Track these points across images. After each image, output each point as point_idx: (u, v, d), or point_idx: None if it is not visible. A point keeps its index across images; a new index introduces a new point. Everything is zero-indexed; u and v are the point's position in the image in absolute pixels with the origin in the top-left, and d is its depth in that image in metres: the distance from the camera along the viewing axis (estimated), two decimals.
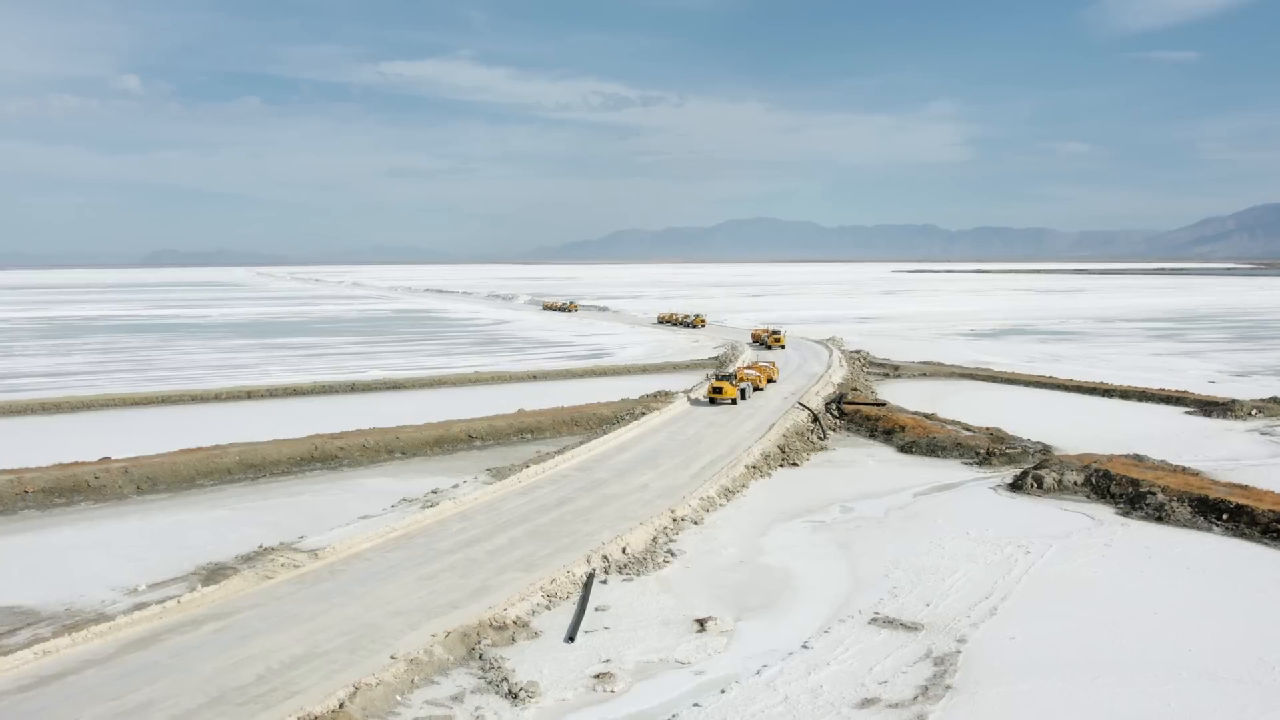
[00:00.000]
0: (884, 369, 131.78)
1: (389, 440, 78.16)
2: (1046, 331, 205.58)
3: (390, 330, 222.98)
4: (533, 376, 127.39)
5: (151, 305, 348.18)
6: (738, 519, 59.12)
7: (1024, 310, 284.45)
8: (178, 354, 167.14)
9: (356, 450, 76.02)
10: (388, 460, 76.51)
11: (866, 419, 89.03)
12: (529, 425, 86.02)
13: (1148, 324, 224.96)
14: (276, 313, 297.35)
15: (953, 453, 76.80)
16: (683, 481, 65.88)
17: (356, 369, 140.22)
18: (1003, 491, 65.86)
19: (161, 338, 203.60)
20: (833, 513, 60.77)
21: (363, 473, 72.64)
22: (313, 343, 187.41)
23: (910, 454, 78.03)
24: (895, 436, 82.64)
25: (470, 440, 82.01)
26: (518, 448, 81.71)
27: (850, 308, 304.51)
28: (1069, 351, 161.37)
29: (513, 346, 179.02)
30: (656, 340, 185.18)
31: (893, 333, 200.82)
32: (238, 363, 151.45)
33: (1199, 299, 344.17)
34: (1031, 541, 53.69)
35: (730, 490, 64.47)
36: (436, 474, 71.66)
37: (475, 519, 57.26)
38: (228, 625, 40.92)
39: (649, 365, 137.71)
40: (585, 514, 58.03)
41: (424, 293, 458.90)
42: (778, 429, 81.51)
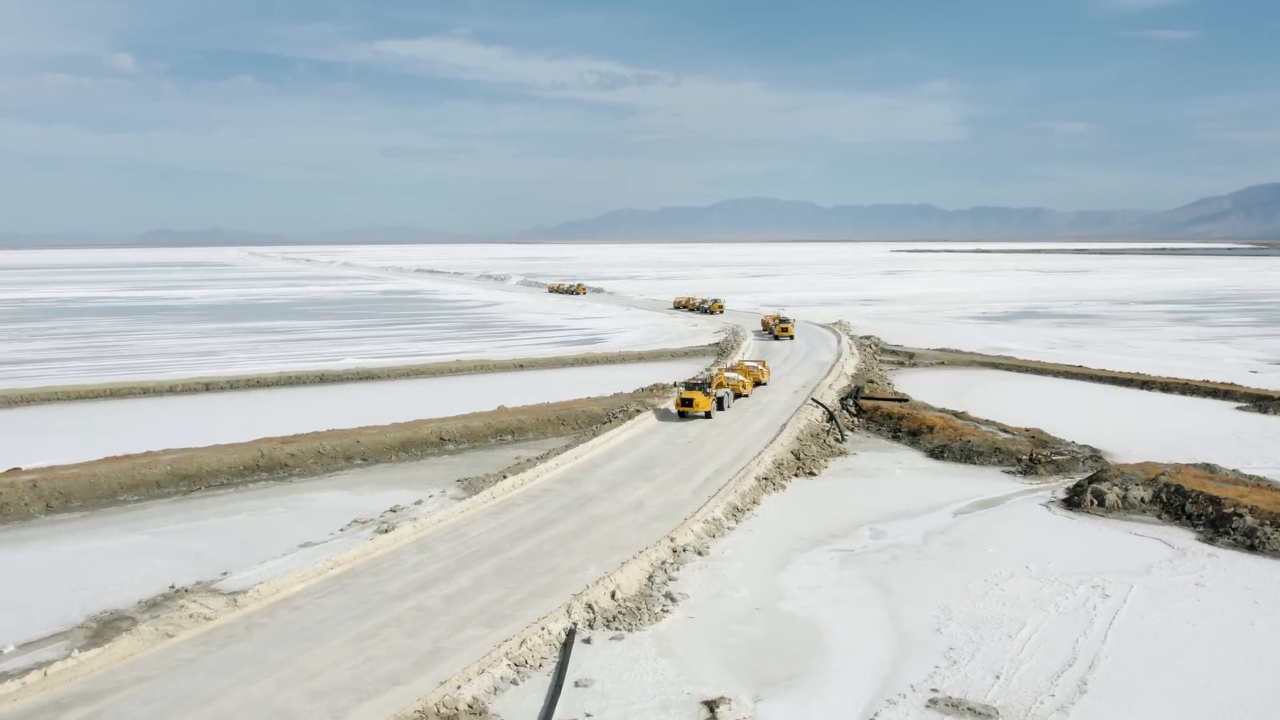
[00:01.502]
0: (898, 356, 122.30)
1: (348, 445, 68.57)
2: (1061, 314, 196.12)
3: (375, 313, 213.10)
4: (519, 366, 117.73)
5: (134, 286, 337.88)
6: (750, 547, 49.59)
7: (1032, 291, 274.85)
8: (145, 339, 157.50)
9: (310, 457, 66.40)
10: (345, 469, 66.89)
11: (888, 417, 79.48)
12: (509, 425, 76.42)
13: (1164, 306, 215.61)
14: (259, 294, 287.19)
15: (991, 459, 67.32)
16: (684, 498, 56.39)
17: (331, 356, 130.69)
18: (1057, 509, 56.36)
19: (133, 321, 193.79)
20: (862, 538, 51.28)
21: (314, 484, 63.04)
22: (291, 327, 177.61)
23: (942, 460, 68.53)
24: (923, 439, 73.13)
25: (441, 444, 72.43)
26: (495, 452, 72.21)
27: (853, 289, 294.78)
28: (1090, 336, 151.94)
29: (501, 331, 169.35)
30: (653, 324, 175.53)
31: (900, 316, 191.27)
32: (206, 349, 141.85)
33: (1209, 280, 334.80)
34: (1107, 580, 44.26)
35: (739, 509, 54.95)
36: (399, 485, 62.17)
37: (436, 549, 47.72)
38: (96, 713, 31.44)
39: (645, 353, 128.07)
40: (568, 542, 48.53)
41: (415, 273, 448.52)
42: (790, 430, 71.98)
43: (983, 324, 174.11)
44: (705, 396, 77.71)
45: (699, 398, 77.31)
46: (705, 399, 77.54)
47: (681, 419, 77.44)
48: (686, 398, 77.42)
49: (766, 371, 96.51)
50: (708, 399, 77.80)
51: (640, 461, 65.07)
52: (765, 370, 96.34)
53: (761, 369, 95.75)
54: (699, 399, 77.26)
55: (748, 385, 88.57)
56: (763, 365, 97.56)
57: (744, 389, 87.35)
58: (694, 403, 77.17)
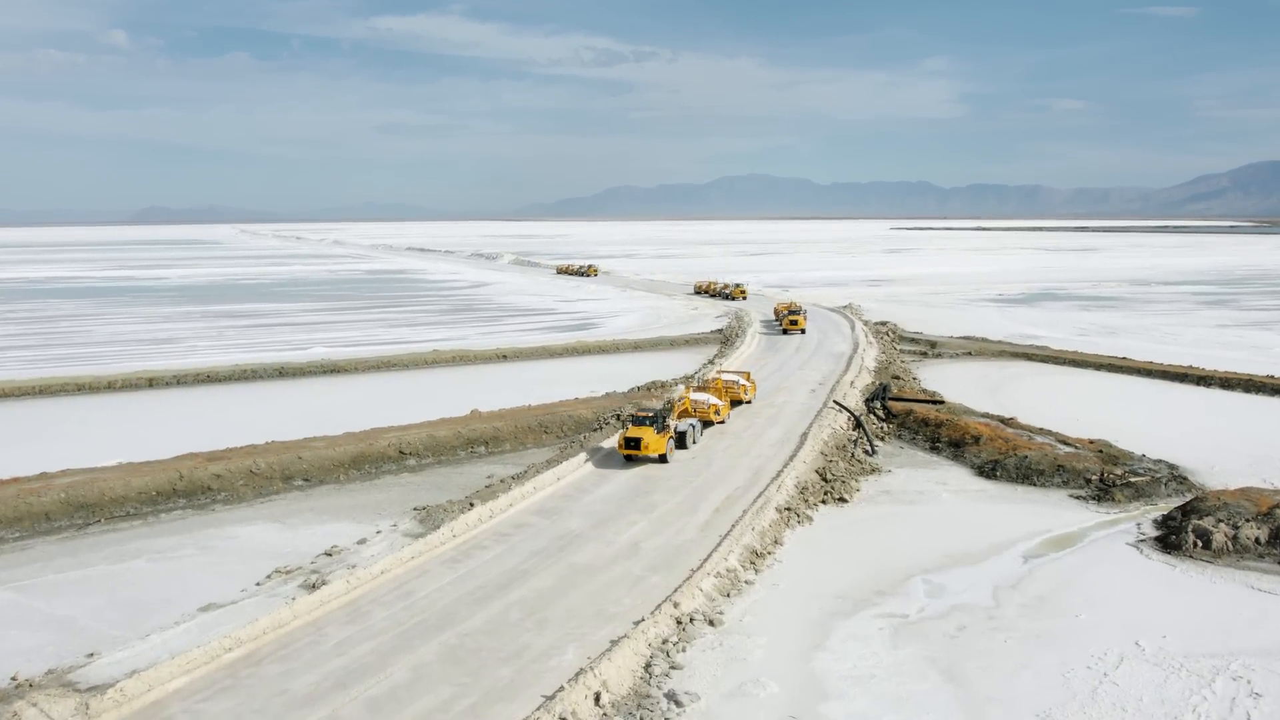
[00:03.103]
0: (918, 346, 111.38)
1: (288, 462, 57.57)
2: (1082, 297, 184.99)
3: (355, 295, 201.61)
4: (501, 356, 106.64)
5: (112, 266, 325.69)
6: (775, 612, 38.73)
7: (1044, 271, 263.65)
8: (104, 324, 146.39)
9: (240, 478, 55.40)
10: (282, 492, 55.88)
11: (924, 424, 68.61)
12: (482, 435, 65.45)
13: (1188, 288, 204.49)
14: (240, 274, 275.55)
15: (1053, 479, 56.48)
16: (688, 537, 45.52)
17: (299, 345, 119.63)
18: (1152, 551, 45.52)
19: (99, 304, 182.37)
20: (915, 596, 40.45)
21: (240, 515, 52.05)
22: (263, 311, 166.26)
23: (994, 479, 57.66)
24: (968, 451, 62.27)
25: (401, 458, 61.45)
26: (464, 468, 61.32)
27: (856, 268, 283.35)
28: (1120, 322, 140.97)
29: (487, 315, 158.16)
30: (650, 308, 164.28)
31: (912, 298, 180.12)
32: (165, 336, 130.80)
33: (1222, 259, 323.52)
34: (1249, 667, 33.59)
35: (759, 554, 44.05)
36: (344, 516, 51.28)
37: (371, 618, 36.86)
38: None
39: (641, 341, 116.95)
40: (542, 608, 37.67)
41: (405, 251, 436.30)
42: (813, 442, 61.08)
43: (1001, 307, 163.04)
44: (659, 434, 57.61)
45: (649, 436, 56.77)
46: (659, 437, 57.37)
47: (628, 461, 57.91)
48: (632, 436, 56.84)
49: (751, 387, 75.86)
50: (662, 437, 57.71)
51: (635, 485, 54.14)
52: (749, 386, 75.42)
53: (744, 385, 74.54)
54: (649, 438, 56.70)
55: (723, 410, 67.90)
56: (746, 378, 76.03)
57: (716, 415, 66.65)
58: (642, 443, 56.54)
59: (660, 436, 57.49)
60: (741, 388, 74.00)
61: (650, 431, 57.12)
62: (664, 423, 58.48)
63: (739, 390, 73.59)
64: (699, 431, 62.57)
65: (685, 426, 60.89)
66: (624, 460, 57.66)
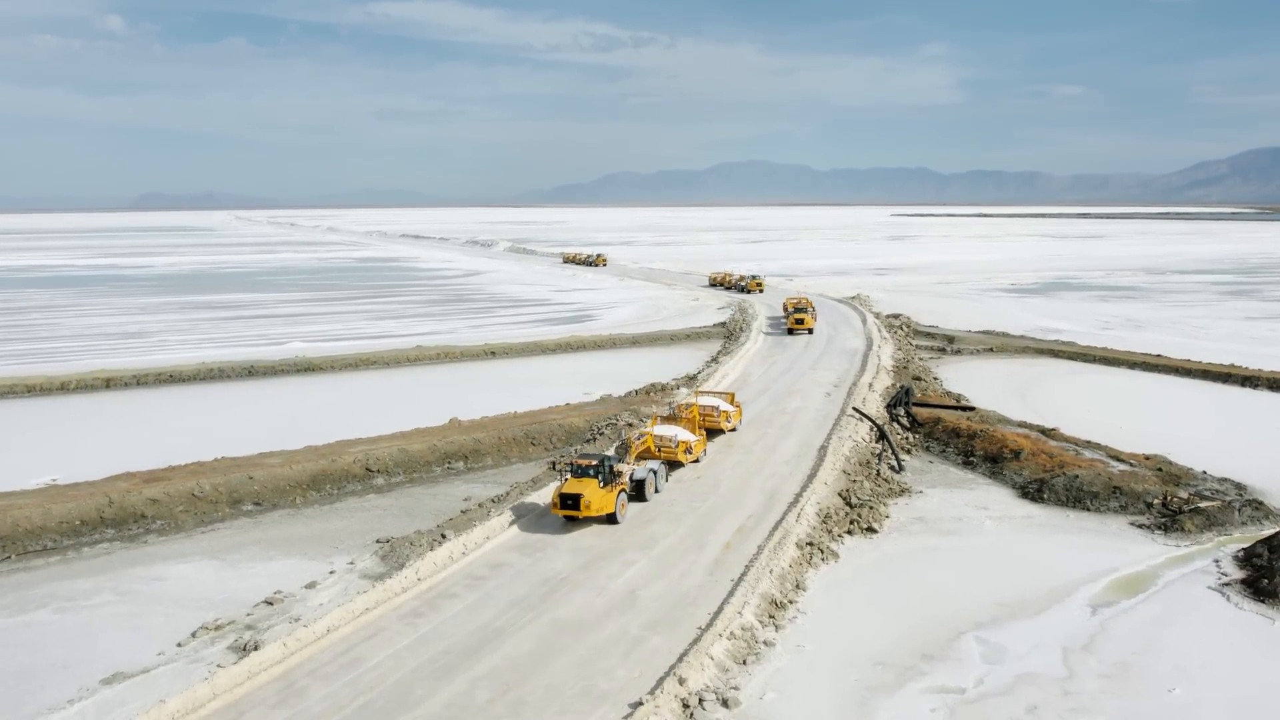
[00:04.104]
0: (936, 341, 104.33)
1: (236, 483, 50.51)
2: (1098, 286, 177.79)
3: (343, 284, 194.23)
4: (490, 353, 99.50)
5: (97, 254, 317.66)
6: (803, 686, 31.78)
7: (1053, 259, 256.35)
8: (76, 316, 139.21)
9: (180, 503, 48.36)
10: (228, 519, 48.83)
11: (954, 434, 61.57)
12: (460, 448, 58.37)
13: (1205, 277, 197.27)
14: (227, 262, 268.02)
15: (1109, 503, 49.50)
16: (695, 581, 38.58)
17: (276, 339, 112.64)
18: (1241, 599, 38.53)
19: (75, 294, 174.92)
20: (970, 661, 33.50)
21: (175, 548, 45.01)
22: (243, 301, 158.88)
23: (1041, 502, 50.65)
24: (1007, 467, 55.27)
25: (368, 476, 54.38)
26: (439, 488, 54.32)
27: (861, 256, 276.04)
28: (1143, 314, 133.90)
29: (478, 306, 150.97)
30: (649, 298, 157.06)
31: (921, 288, 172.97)
32: (136, 329, 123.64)
33: (1234, 247, 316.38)
34: None
35: (778, 603, 37.05)
36: (294, 550, 44.27)
37: (306, 698, 29.95)
38: None
39: (639, 335, 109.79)
40: (516, 683, 30.71)
41: (399, 238, 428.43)
42: (833, 459, 54.08)
43: (1016, 298, 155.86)
44: (606, 487, 44.88)
45: (591, 491, 43.97)
46: (605, 492, 44.58)
47: (569, 522, 45.17)
48: (569, 493, 43.97)
49: (736, 412, 62.70)
50: (610, 491, 44.91)
51: (631, 512, 47.11)
52: (732, 412, 62.18)
53: (725, 411, 61.36)
54: (591, 493, 43.87)
55: (696, 447, 54.86)
56: (730, 400, 63.63)
57: (687, 455, 53.83)
58: (582, 501, 43.58)
59: (607, 491, 44.80)
60: (723, 415, 60.85)
61: (593, 485, 44.36)
62: (612, 472, 45.66)
63: (718, 419, 60.56)
64: (663, 477, 50.33)
65: (644, 473, 48.51)
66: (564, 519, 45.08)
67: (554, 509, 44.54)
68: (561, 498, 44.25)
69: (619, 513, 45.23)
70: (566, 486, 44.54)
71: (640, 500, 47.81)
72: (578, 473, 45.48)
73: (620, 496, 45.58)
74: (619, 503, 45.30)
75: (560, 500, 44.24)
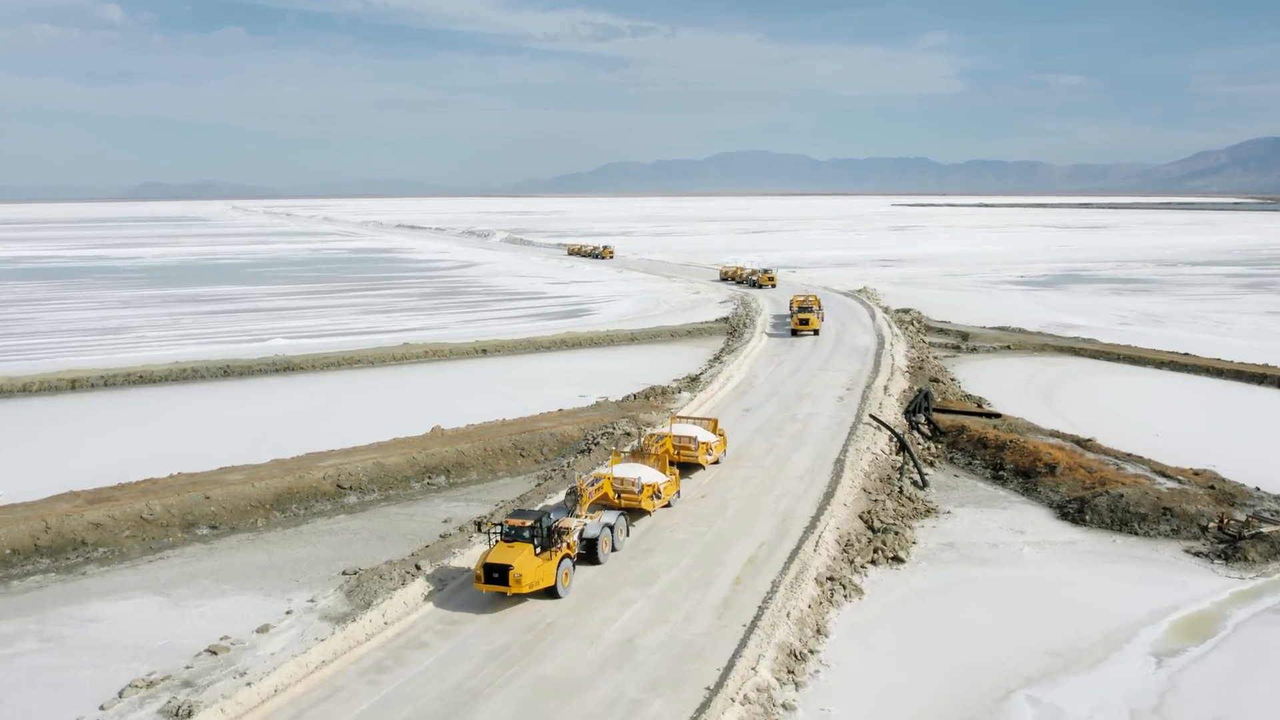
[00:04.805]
0: (949, 338, 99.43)
1: (191, 503, 45.57)
2: (1109, 279, 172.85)
3: (333, 277, 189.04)
4: (481, 351, 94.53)
5: (87, 244, 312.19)
6: None
7: (1060, 250, 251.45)
8: (55, 310, 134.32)
9: (126, 527, 43.42)
10: (180, 545, 43.88)
11: (980, 443, 56.63)
12: (443, 461, 53.42)
13: (1217, 269, 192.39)
14: (218, 253, 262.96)
15: (1159, 525, 44.62)
16: (702, 626, 33.68)
17: (258, 334, 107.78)
18: None
19: (58, 286, 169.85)
20: None
21: (116, 582, 40.07)
22: (229, 294, 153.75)
23: (1083, 525, 45.76)
24: (1041, 483, 50.37)
25: (339, 494, 49.44)
26: (417, 506, 49.43)
27: (864, 247, 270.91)
28: (1160, 308, 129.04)
29: (472, 299, 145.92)
30: (648, 291, 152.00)
31: (928, 280, 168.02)
32: (115, 324, 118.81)
33: (1241, 238, 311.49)
34: None
35: (798, 655, 32.17)
36: (249, 585, 39.34)
37: None
38: None
39: (638, 332, 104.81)
40: None
41: (394, 229, 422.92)
42: (851, 474, 49.20)
43: (1027, 291, 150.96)
44: (544, 554, 35.79)
45: (523, 560, 34.99)
46: (541, 561, 35.46)
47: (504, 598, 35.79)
48: (496, 562, 34.93)
49: (719, 443, 52.70)
50: (548, 559, 35.79)
51: (628, 540, 42.19)
52: (714, 444, 51.90)
53: (705, 443, 50.89)
54: (524, 563, 34.88)
55: (667, 488, 45.60)
56: (713, 428, 53.63)
57: (654, 500, 44.62)
58: (511, 573, 34.53)
59: (544, 559, 35.55)
60: (701, 447, 50.26)
61: (527, 553, 35.23)
62: (552, 534, 36.46)
63: (695, 452, 50.09)
64: (623, 531, 40.98)
65: (597, 529, 39.08)
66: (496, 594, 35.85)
67: (477, 583, 35.34)
68: (486, 569, 34.93)
69: (561, 585, 35.95)
70: (493, 554, 35.36)
71: (592, 563, 38.64)
72: (509, 536, 36.21)
73: (563, 564, 36.26)
74: (561, 572, 35.99)
75: (484, 572, 34.95)
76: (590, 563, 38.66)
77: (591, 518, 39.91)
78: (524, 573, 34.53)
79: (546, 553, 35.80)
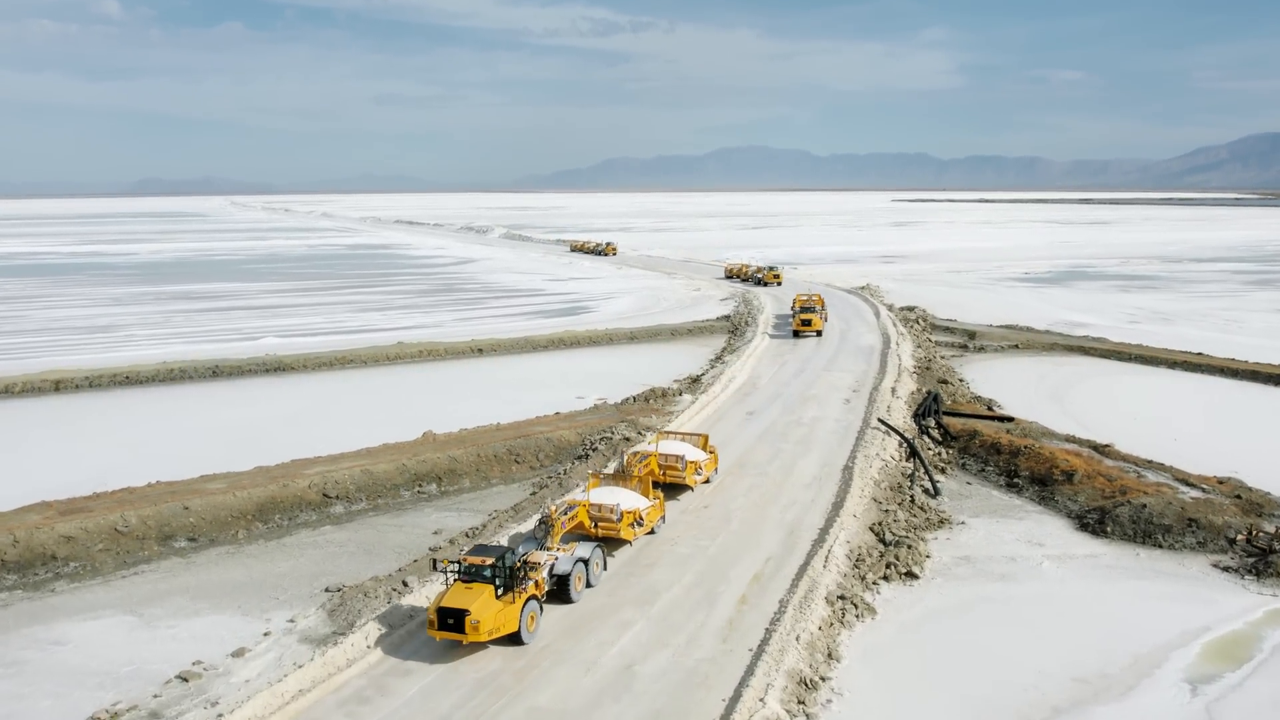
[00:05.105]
0: (955, 336, 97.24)
1: (169, 514, 43.43)
2: (1115, 275, 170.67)
3: (330, 273, 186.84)
4: (476, 350, 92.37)
5: (83, 240, 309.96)
6: None
7: (1063, 246, 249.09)
8: (44, 308, 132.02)
9: (100, 540, 41.30)
10: (156, 559, 41.75)
11: (993, 449, 54.50)
12: (434, 468, 51.28)
13: (1223, 266, 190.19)
14: (214, 249, 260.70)
15: (1183, 537, 42.50)
16: (705, 652, 31.56)
17: (250, 333, 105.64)
18: None
19: (49, 284, 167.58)
20: None
21: (86, 600, 37.93)
22: (223, 292, 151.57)
23: (1105, 537, 43.61)
24: (1058, 492, 48.25)
25: (325, 503, 47.30)
26: (407, 516, 47.29)
27: (865, 243, 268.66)
28: (1169, 306, 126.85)
29: (469, 296, 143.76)
30: (648, 287, 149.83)
31: (931, 276, 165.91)
32: (105, 322, 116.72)
33: (1245, 234, 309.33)
34: None
35: (809, 683, 30.05)
36: (225, 603, 37.20)
37: None
38: None
39: (638, 330, 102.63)
40: None
41: (393, 225, 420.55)
42: (860, 482, 47.08)
43: (1032, 288, 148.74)
44: (505, 595, 31.92)
45: (482, 604, 31.06)
46: (502, 606, 31.54)
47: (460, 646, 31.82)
48: (451, 607, 31.01)
49: (709, 461, 48.22)
50: (510, 603, 31.81)
51: (625, 554, 40.08)
52: (704, 462, 47.47)
53: (694, 462, 46.58)
54: (482, 605, 31.04)
55: (650, 514, 41.26)
56: (703, 444, 48.98)
57: (636, 529, 40.14)
58: (469, 620, 30.68)
59: (507, 602, 31.64)
60: (689, 466, 46.01)
61: (486, 595, 31.21)
62: (515, 574, 32.45)
63: (682, 472, 45.83)
64: (599, 564, 37.01)
65: (569, 564, 35.09)
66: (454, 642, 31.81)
67: (430, 629, 31.20)
68: (440, 614, 30.89)
69: (526, 631, 32.07)
70: (449, 596, 31.33)
71: (564, 601, 34.77)
72: (467, 575, 32.02)
73: (529, 607, 32.21)
74: (526, 616, 32.01)
75: (438, 617, 30.89)
76: (561, 601, 34.77)
77: (565, 549, 36.16)
78: (483, 618, 30.60)
79: (510, 594, 31.86)
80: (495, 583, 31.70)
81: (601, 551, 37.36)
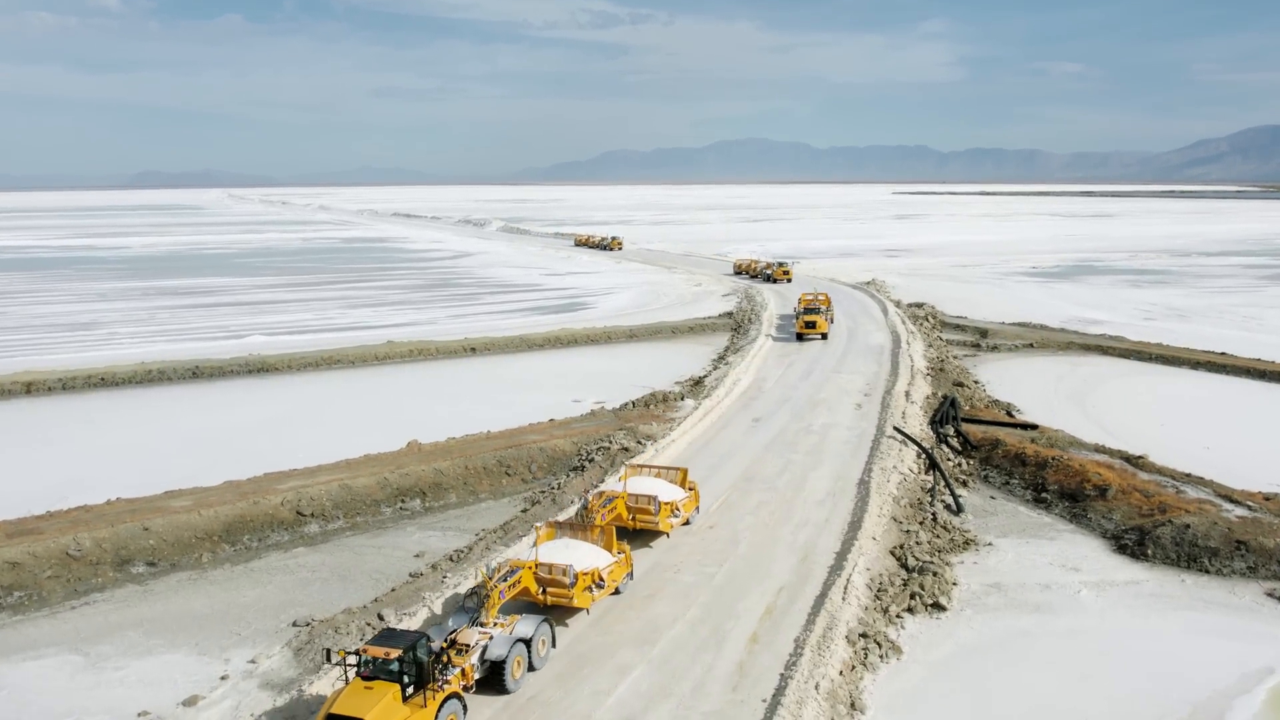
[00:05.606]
0: (967, 335, 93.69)
1: (127, 536, 39.87)
2: (1124, 270, 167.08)
3: (323, 267, 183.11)
4: (469, 350, 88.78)
5: (75, 234, 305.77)
6: None
7: (1068, 240, 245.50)
8: (26, 305, 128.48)
9: (49, 566, 37.72)
10: (110, 587, 38.20)
11: (1018, 460, 50.97)
12: (418, 482, 47.75)
13: (1233, 259, 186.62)
14: (208, 242, 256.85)
15: (1232, 561, 38.96)
16: (713, 704, 28.06)
17: (237, 330, 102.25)
18: None
19: (36, 279, 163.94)
20: None
21: (27, 636, 34.34)
22: (212, 287, 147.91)
23: (1145, 560, 40.07)
24: (1091, 509, 44.72)
25: (299, 522, 43.75)
26: (388, 536, 43.73)
27: (868, 236, 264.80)
28: (1183, 302, 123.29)
29: (464, 291, 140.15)
30: (648, 283, 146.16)
31: (937, 271, 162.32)
32: (88, 319, 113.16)
33: (1250, 227, 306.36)
34: None
35: None
36: (181, 640, 33.65)
37: None
38: None
39: (637, 328, 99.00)
40: None
41: (390, 218, 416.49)
42: (877, 499, 43.52)
43: (1042, 283, 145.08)
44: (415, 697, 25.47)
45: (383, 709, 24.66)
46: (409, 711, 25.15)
47: None
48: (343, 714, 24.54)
49: (688, 501, 41.77)
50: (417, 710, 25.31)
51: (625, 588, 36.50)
52: (680, 503, 40.98)
53: (671, 502, 40.27)
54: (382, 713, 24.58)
55: (613, 572, 34.50)
56: (681, 480, 42.67)
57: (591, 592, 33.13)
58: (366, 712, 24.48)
59: (416, 706, 25.39)
60: (665, 508, 39.60)
61: (389, 699, 24.95)
62: (426, 670, 25.92)
63: (654, 516, 39.25)
64: (548, 639, 30.35)
65: (506, 646, 28.53)
66: None
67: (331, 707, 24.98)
68: (364, 664, 25.68)
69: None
70: (341, 700, 24.95)
71: (498, 691, 28.39)
72: (372, 669, 25.68)
73: (448, 708, 26.02)
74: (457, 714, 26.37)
75: (346, 702, 24.82)
76: (497, 691, 28.33)
77: (503, 625, 29.71)
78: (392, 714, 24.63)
79: (421, 694, 25.48)
80: (403, 680, 25.40)
81: (549, 626, 30.46)
